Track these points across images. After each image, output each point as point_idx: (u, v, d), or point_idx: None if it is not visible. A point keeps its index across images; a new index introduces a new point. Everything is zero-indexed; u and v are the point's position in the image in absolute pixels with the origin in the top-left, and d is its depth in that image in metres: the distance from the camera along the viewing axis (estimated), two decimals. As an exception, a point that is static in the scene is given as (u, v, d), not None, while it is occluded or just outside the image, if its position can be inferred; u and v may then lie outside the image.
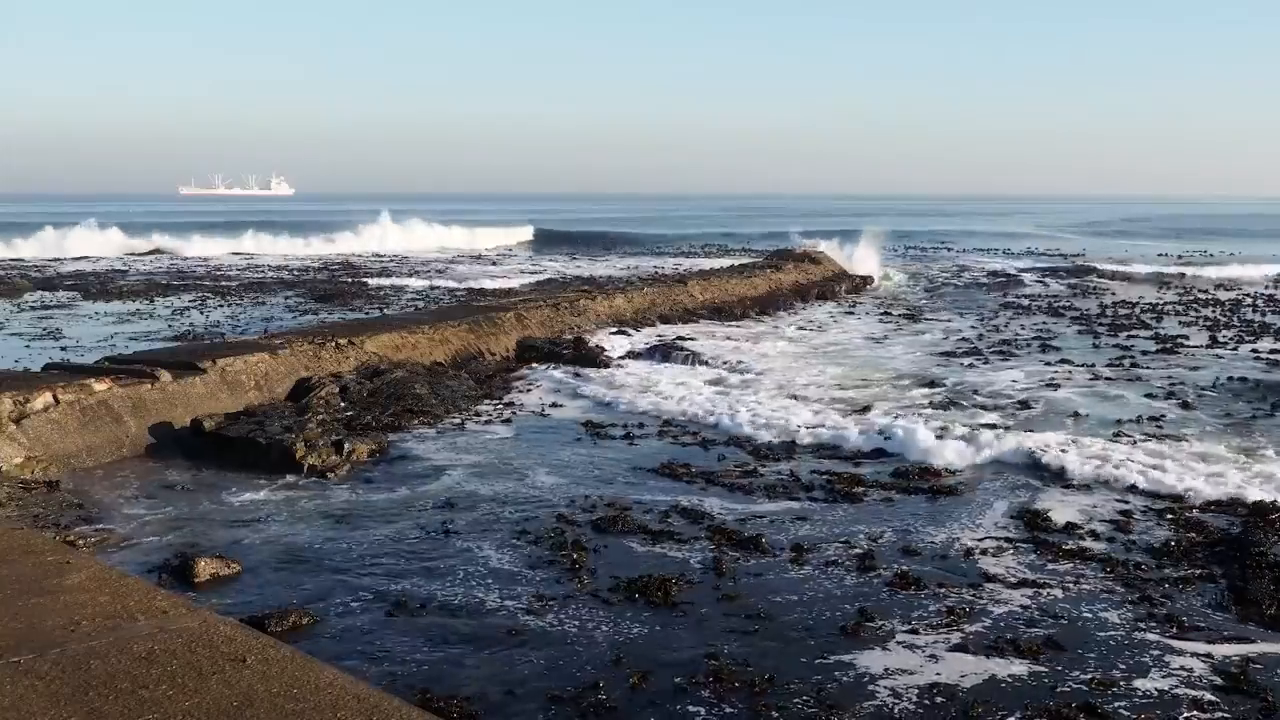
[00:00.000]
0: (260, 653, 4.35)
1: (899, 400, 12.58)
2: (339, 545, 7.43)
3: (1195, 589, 6.65)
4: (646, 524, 7.84)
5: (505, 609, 6.27)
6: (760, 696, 5.17)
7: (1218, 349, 17.04)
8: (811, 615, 6.21)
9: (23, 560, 5.52)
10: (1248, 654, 5.70)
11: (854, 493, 8.69)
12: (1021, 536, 7.65)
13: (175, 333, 18.19)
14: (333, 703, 3.91)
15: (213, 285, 27.78)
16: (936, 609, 6.28)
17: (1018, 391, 13.17)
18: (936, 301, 25.48)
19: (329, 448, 9.50)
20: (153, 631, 4.54)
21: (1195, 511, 8.18)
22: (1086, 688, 5.28)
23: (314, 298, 24.55)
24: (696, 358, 15.27)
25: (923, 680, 5.36)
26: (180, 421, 10.26)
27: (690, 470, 9.43)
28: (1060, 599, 6.46)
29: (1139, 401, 12.60)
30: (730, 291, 23.34)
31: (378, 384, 12.06)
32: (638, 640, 5.85)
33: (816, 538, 7.59)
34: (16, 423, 9.20)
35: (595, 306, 19.06)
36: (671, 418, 11.66)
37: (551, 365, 14.73)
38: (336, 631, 5.95)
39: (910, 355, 16.47)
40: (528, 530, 7.73)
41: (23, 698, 3.90)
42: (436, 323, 15.34)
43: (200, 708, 3.84)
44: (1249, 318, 21.49)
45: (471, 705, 5.06)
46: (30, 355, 15.20)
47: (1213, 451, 9.90)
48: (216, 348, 12.65)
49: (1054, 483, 9.03)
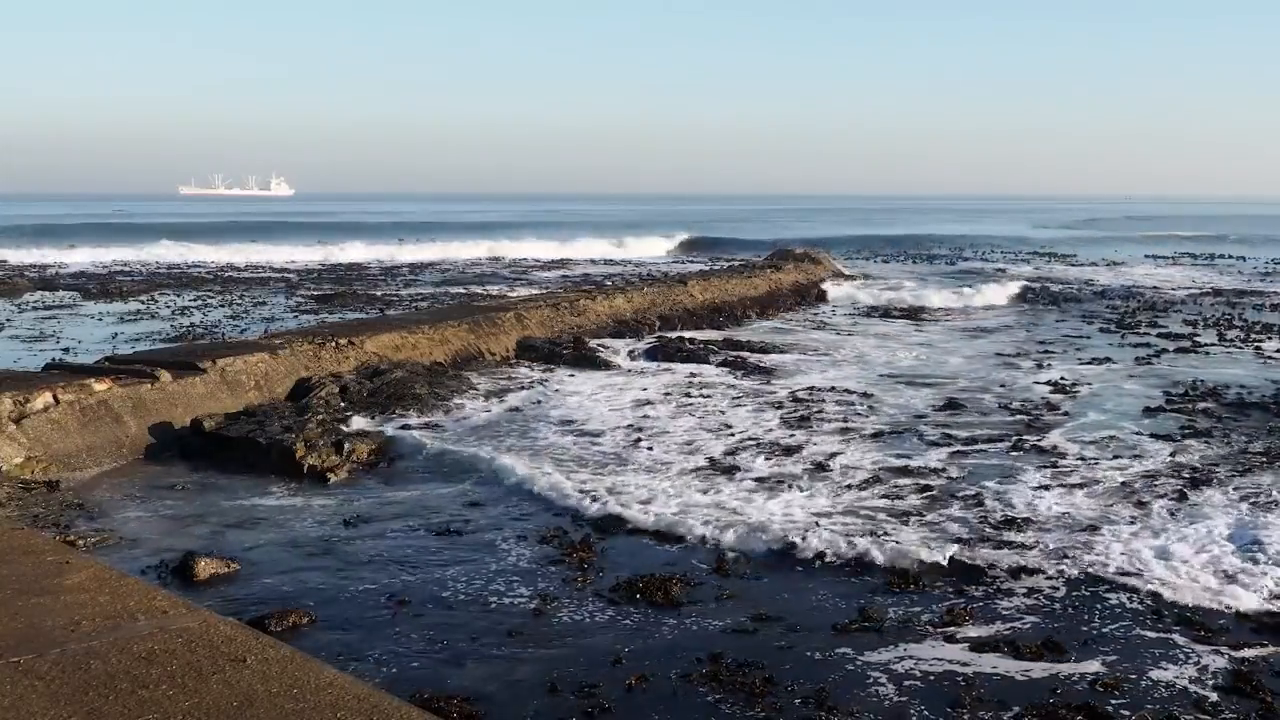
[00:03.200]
0: (260, 653, 4.35)
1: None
2: (339, 545, 7.43)
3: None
4: (647, 524, 7.86)
5: (506, 609, 6.28)
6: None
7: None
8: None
9: (23, 560, 5.52)
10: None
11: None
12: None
13: (177, 333, 18.19)
14: (333, 703, 3.91)
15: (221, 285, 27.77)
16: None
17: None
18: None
19: (329, 448, 9.50)
20: (153, 631, 4.54)
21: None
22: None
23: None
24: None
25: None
26: (180, 421, 10.27)
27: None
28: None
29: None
30: (730, 291, 23.34)
31: (378, 384, 12.07)
32: (637, 637, 5.86)
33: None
34: (16, 423, 9.20)
35: (595, 306, 19.06)
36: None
37: (546, 366, 14.72)
38: (337, 631, 5.96)
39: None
40: (530, 530, 7.74)
41: (23, 698, 3.91)
42: (436, 323, 15.35)
43: (200, 708, 3.85)
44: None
45: (472, 705, 5.07)
46: (30, 355, 15.19)
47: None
48: (216, 348, 12.65)
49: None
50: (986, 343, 17.96)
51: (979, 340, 18.35)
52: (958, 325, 20.74)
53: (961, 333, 19.55)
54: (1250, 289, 28.05)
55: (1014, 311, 23.17)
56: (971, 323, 21.21)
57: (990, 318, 21.97)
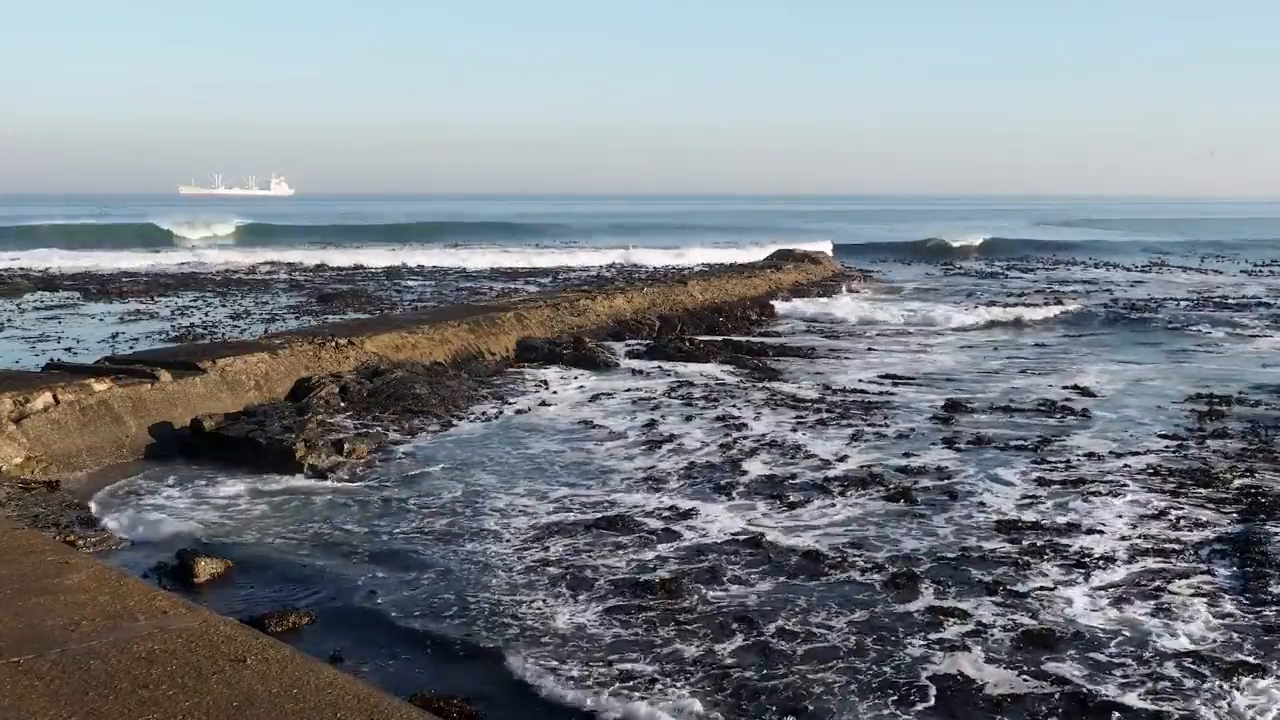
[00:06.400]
0: (260, 653, 4.35)
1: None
2: (339, 545, 7.43)
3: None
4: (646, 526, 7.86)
5: (507, 610, 6.27)
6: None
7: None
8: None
9: (23, 560, 5.52)
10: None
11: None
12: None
13: (177, 333, 18.19)
14: (333, 703, 3.91)
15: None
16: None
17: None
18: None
19: (329, 448, 9.50)
20: (153, 631, 4.54)
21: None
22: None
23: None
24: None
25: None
26: (180, 421, 10.26)
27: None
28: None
29: None
30: (730, 291, 23.34)
31: (378, 384, 12.07)
32: (632, 645, 5.86)
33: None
34: (16, 423, 9.20)
35: (595, 306, 19.07)
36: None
37: (546, 367, 14.73)
38: (336, 631, 5.96)
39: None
40: (529, 530, 7.74)
41: (23, 698, 3.90)
42: (436, 322, 15.35)
43: (200, 708, 3.85)
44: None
45: (472, 705, 5.07)
46: (31, 355, 15.19)
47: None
48: (216, 348, 12.65)
49: None
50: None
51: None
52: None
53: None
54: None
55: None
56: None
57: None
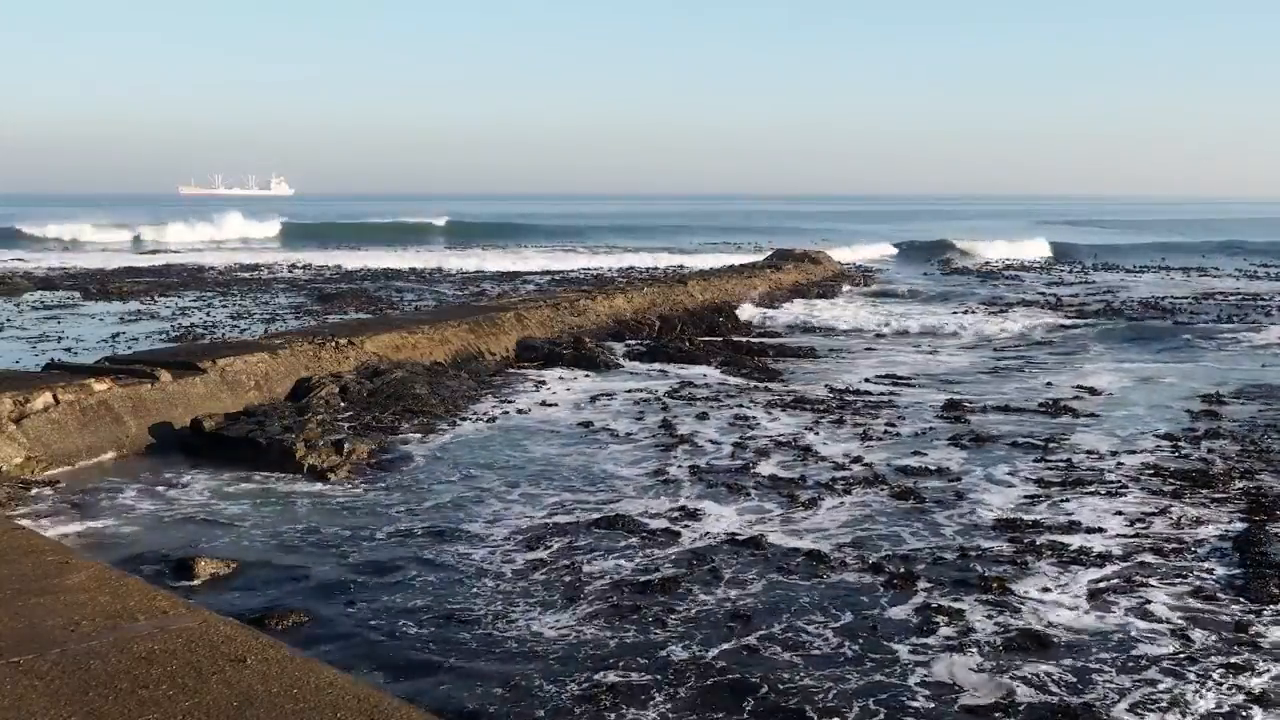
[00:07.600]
0: (260, 653, 4.35)
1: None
2: (339, 545, 7.43)
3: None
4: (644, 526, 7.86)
5: (506, 612, 6.28)
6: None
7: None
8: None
9: (23, 560, 5.52)
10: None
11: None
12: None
13: (177, 333, 18.19)
14: (333, 703, 3.91)
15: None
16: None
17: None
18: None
19: (329, 448, 9.50)
20: (153, 631, 4.55)
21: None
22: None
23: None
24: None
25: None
26: (180, 421, 10.26)
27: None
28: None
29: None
30: (729, 292, 23.34)
31: (378, 384, 12.07)
32: (630, 645, 5.86)
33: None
34: (16, 423, 9.20)
35: (595, 306, 19.06)
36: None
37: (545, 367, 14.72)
38: (337, 631, 5.96)
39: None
40: (529, 531, 7.75)
41: (23, 698, 3.91)
42: (436, 323, 15.35)
43: (200, 708, 3.85)
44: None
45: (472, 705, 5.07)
46: (31, 355, 15.19)
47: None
48: (216, 348, 12.65)
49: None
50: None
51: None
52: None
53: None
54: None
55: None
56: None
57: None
